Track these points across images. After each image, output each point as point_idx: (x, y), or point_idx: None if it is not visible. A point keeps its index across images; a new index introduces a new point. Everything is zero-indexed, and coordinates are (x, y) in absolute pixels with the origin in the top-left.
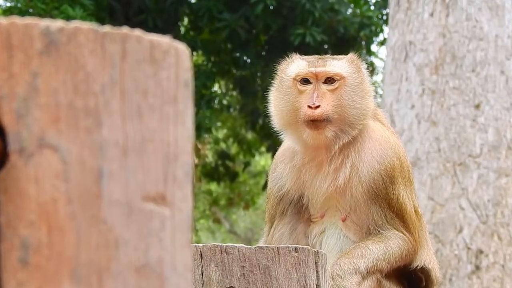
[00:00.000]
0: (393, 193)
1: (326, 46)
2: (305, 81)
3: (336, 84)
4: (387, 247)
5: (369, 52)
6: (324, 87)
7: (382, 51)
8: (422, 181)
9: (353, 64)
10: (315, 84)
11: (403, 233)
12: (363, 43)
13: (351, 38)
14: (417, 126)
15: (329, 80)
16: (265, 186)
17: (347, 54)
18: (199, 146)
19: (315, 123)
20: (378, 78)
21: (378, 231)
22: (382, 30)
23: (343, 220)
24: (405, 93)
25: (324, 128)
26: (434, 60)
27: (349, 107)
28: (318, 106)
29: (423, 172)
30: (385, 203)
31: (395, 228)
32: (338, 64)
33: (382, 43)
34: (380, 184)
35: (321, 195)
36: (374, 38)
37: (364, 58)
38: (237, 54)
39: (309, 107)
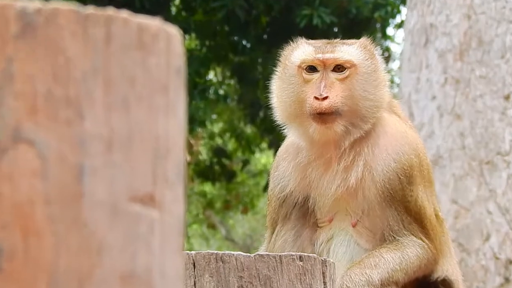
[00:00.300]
0: (411, 195)
1: (335, 29)
2: (312, 69)
3: (346, 73)
4: (404, 255)
5: (385, 36)
6: (333, 75)
7: (399, 35)
8: (445, 182)
9: (366, 49)
10: (323, 72)
11: (422, 240)
12: (378, 25)
13: (364, 20)
14: (438, 120)
15: (339, 68)
16: (266, 187)
17: (359, 38)
18: (192, 141)
19: (322, 116)
20: (394, 65)
21: (394, 237)
22: (399, 11)
23: (354, 226)
24: (425, 82)
25: (333, 122)
26: (458, 45)
27: (361, 98)
28: (325, 98)
29: (445, 171)
30: (402, 206)
31: (413, 235)
32: (349, 50)
33: (399, 25)
34: (397, 185)
35: (330, 197)
36: (390, 20)
37: (378, 43)
38: (235, 38)
39: (316, 98)
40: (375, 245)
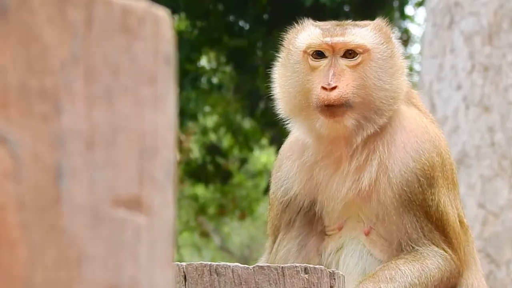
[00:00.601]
0: (432, 199)
1: (347, 9)
2: (319, 54)
3: (358, 59)
4: (424, 268)
5: (403, 16)
6: (343, 62)
7: (420, 15)
8: (471, 184)
9: (381, 32)
10: (332, 58)
11: (444, 250)
12: (396, 4)
13: None
14: (464, 113)
15: (350, 53)
16: (266, 190)
17: (373, 18)
18: (182, 137)
19: (330, 108)
20: (414, 49)
21: (413, 247)
22: None
23: (367, 234)
24: (449, 70)
25: (343, 115)
26: (487, 26)
27: (375, 88)
28: (334, 87)
29: (472, 172)
30: (421, 212)
31: (434, 244)
32: (362, 33)
33: (420, 4)
34: (416, 187)
35: (339, 201)
36: None
37: (396, 24)
38: (231, 18)
39: (324, 88)
40: (391, 256)
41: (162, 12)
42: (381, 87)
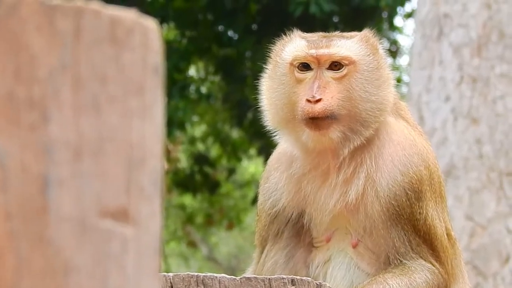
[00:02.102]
0: (419, 212)
1: (336, 19)
2: (305, 66)
3: (344, 71)
4: (412, 282)
5: (392, 27)
6: (329, 74)
7: (409, 26)
8: (459, 196)
9: (367, 43)
10: (317, 70)
11: (432, 264)
12: (385, 15)
13: (368, 9)
14: (452, 124)
15: (335, 65)
16: (254, 200)
17: (362, 29)
18: (170, 147)
19: (315, 121)
20: (403, 61)
21: (400, 260)
22: None
23: (355, 246)
24: (438, 81)
25: (328, 127)
26: (476, 38)
27: (360, 100)
28: (319, 100)
29: (459, 184)
30: (409, 225)
31: (421, 258)
32: (347, 45)
33: (409, 15)
34: (403, 201)
35: (327, 213)
36: (398, 9)
37: (385, 35)
38: (220, 28)
39: (308, 101)
40: (378, 269)
41: (151, 23)
42: (367, 98)
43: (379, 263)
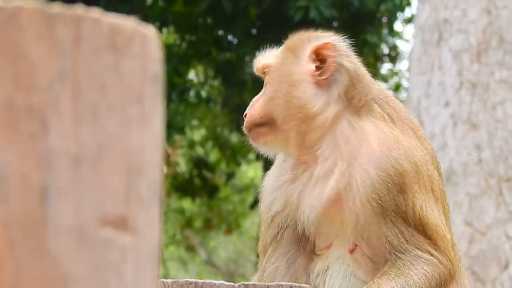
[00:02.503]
0: (405, 204)
1: (335, 24)
2: None
3: (266, 78)
4: (408, 281)
5: (392, 32)
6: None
7: (408, 31)
8: (458, 202)
9: (288, 48)
10: (265, 83)
11: (430, 253)
12: (384, 20)
13: (368, 14)
14: (452, 130)
15: (264, 75)
16: (253, 205)
17: (362, 34)
18: (169, 150)
19: (249, 134)
20: (402, 66)
21: (396, 256)
22: (409, 4)
23: (351, 252)
24: (437, 86)
25: (258, 137)
26: (475, 44)
27: (274, 103)
28: (246, 114)
29: (458, 189)
30: (398, 217)
31: (418, 248)
32: (270, 53)
33: (408, 20)
34: (385, 194)
35: (312, 214)
36: (398, 14)
37: (384, 41)
38: (220, 32)
39: (244, 117)
40: (375, 277)
41: (150, 31)
42: (274, 97)
43: (375, 270)
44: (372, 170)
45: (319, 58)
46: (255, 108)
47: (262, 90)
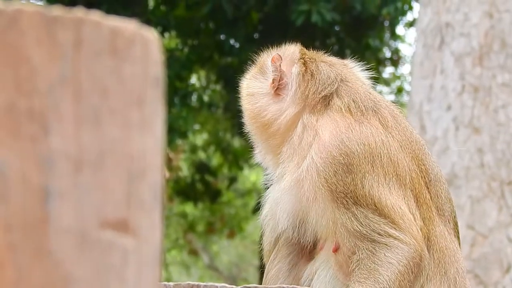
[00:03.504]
0: (354, 184)
1: (337, 28)
2: None
3: None
4: (377, 279)
5: (394, 36)
6: None
7: (410, 35)
8: (460, 205)
9: (258, 62)
10: None
11: (389, 234)
12: (386, 24)
13: (370, 18)
14: (454, 133)
15: None
16: (256, 209)
17: (364, 38)
18: (171, 155)
19: None
20: (404, 70)
21: (356, 245)
22: (411, 8)
23: (335, 251)
24: (439, 90)
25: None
26: (478, 47)
27: (244, 117)
28: None
29: (461, 193)
30: (348, 197)
31: (374, 231)
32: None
33: (410, 24)
34: (331, 176)
35: (284, 215)
36: (400, 18)
37: (386, 44)
38: (222, 37)
39: None
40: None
41: (151, 34)
42: (244, 114)
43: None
44: (316, 156)
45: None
46: None
47: None
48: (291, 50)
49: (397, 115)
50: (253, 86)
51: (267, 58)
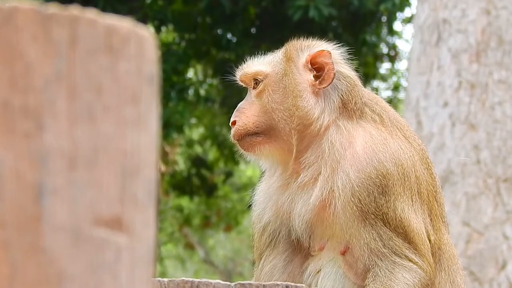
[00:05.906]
0: (386, 206)
1: (334, 24)
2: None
3: (260, 86)
4: None
5: (391, 32)
6: (254, 93)
7: (407, 31)
8: (456, 202)
9: (283, 54)
10: (249, 91)
11: (409, 259)
12: (384, 19)
13: (368, 13)
14: (450, 130)
15: (256, 83)
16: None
17: (361, 34)
18: (167, 149)
19: (240, 143)
20: (401, 66)
21: (376, 263)
22: (408, 4)
23: (343, 253)
24: (436, 87)
25: (251, 146)
26: (474, 44)
27: (272, 111)
28: (234, 123)
29: (456, 189)
30: (377, 220)
31: (396, 254)
32: (262, 60)
33: (408, 20)
34: (365, 197)
35: (301, 219)
36: (397, 14)
37: (383, 40)
38: (219, 31)
39: (232, 124)
40: (365, 279)
41: (147, 32)
42: (277, 108)
43: (366, 272)
44: (352, 174)
45: (316, 66)
46: (247, 116)
47: (250, 97)
48: (335, 49)
49: (401, 118)
50: (298, 82)
51: (299, 50)
